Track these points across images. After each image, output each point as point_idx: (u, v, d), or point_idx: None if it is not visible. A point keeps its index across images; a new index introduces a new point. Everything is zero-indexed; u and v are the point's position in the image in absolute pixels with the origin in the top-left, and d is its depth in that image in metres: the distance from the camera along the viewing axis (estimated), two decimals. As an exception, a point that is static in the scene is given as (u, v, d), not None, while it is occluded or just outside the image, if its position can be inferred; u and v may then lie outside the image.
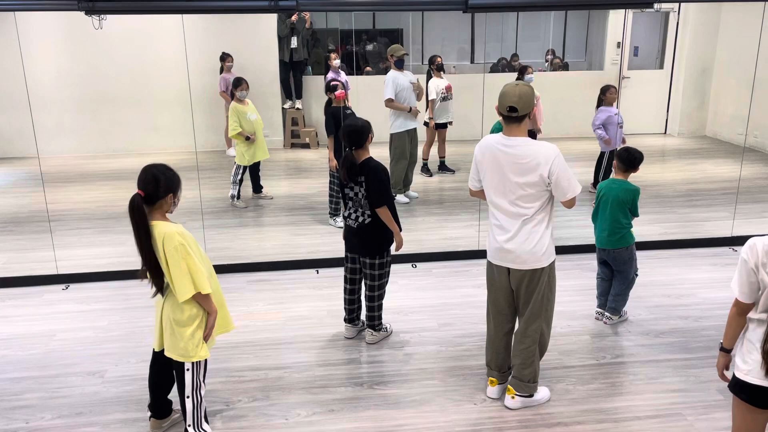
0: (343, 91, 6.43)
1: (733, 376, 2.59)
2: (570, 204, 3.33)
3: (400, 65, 7.34)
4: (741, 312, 2.58)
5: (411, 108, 7.29)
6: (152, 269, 3.05)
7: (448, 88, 8.23)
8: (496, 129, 6.88)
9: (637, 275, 4.51)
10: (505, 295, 3.56)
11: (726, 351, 2.70)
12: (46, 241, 5.83)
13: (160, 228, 3.01)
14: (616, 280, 4.50)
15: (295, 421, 3.53)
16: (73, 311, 4.89)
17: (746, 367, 2.52)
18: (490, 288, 3.63)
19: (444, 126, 8.44)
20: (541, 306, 3.48)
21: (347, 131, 4.00)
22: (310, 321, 4.67)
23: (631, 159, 4.41)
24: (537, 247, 3.34)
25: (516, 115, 3.26)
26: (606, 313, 4.55)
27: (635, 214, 4.40)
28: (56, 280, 5.36)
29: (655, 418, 3.51)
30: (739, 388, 2.56)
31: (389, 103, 7.25)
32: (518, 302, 3.53)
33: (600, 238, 4.46)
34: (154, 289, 3.14)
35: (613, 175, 4.53)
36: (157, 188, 3.00)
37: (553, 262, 3.45)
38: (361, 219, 4.07)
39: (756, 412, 2.53)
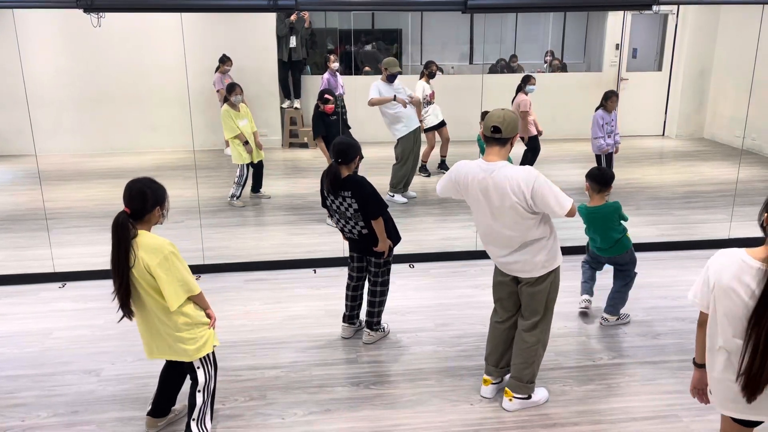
0: (332, 106, 6.69)
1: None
2: (569, 215, 3.30)
3: (392, 80, 7.31)
4: (701, 323, 2.51)
5: (395, 96, 7.23)
6: (123, 290, 3.00)
7: (432, 96, 8.30)
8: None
9: (636, 274, 4.51)
10: (509, 293, 3.58)
11: (697, 366, 2.59)
12: (43, 239, 5.82)
13: (147, 239, 2.99)
14: (617, 278, 4.51)
15: (292, 421, 3.53)
16: (70, 309, 4.88)
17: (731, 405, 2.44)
18: (495, 286, 3.65)
19: (438, 127, 8.47)
20: (547, 307, 3.50)
21: (339, 146, 3.97)
22: (307, 320, 4.66)
23: (604, 178, 4.38)
24: (539, 256, 3.35)
25: (499, 137, 3.27)
26: (604, 314, 4.55)
27: (624, 219, 4.38)
28: (53, 279, 5.35)
29: (651, 420, 3.51)
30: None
31: (374, 100, 7.24)
32: (523, 303, 3.54)
33: (597, 248, 4.50)
34: (121, 313, 3.07)
35: (588, 203, 4.42)
36: (144, 203, 3.00)
37: (558, 267, 3.47)
38: (357, 230, 4.07)
39: (743, 429, 2.51)
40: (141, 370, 3.97)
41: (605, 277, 5.30)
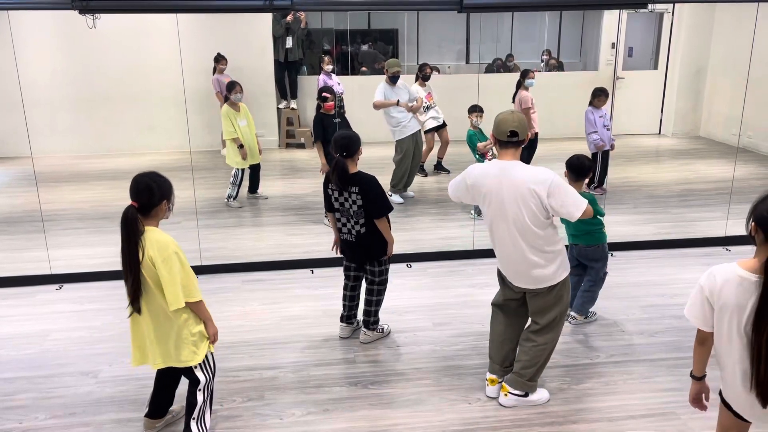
0: (333, 103, 6.59)
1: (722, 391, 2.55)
2: (585, 216, 3.33)
3: (394, 81, 7.34)
4: (702, 340, 2.51)
5: (398, 101, 7.29)
6: (135, 283, 2.99)
7: (428, 98, 8.25)
8: (472, 136, 6.85)
9: (606, 273, 4.45)
10: (514, 296, 3.59)
11: (697, 378, 2.62)
12: (40, 241, 5.81)
13: (155, 234, 3.00)
14: (586, 276, 4.46)
15: (290, 421, 3.53)
16: (67, 311, 4.87)
17: (732, 394, 2.46)
18: (502, 286, 3.66)
19: (437, 129, 8.47)
20: (561, 312, 3.51)
21: (340, 141, 3.99)
22: (305, 321, 4.66)
23: (580, 166, 4.29)
24: (549, 268, 3.36)
25: (516, 140, 3.33)
26: (571, 313, 4.53)
27: (600, 214, 4.30)
28: (50, 280, 5.34)
29: (648, 417, 3.52)
30: (726, 403, 2.53)
31: (377, 103, 7.25)
32: (533, 310, 3.54)
33: (571, 235, 4.42)
34: (130, 309, 3.07)
35: None
36: (151, 197, 3.00)
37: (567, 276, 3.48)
38: (356, 230, 4.08)
39: (741, 424, 2.51)
40: (138, 372, 3.95)
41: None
